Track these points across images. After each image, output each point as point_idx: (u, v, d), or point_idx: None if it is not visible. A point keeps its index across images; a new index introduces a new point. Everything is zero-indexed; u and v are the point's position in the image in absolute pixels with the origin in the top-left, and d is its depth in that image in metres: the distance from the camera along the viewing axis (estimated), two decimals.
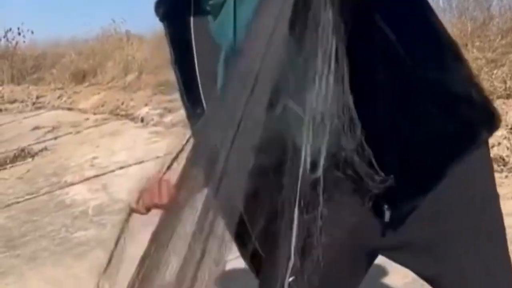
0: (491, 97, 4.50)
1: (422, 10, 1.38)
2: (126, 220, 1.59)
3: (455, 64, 1.42)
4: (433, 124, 1.36)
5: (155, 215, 1.52)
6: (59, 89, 8.55)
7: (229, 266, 1.28)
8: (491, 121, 1.45)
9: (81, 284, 3.72)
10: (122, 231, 1.61)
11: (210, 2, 1.42)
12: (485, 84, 4.64)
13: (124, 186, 4.81)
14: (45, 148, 6.13)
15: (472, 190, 1.45)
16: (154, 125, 5.88)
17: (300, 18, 1.14)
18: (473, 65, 4.90)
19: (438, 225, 1.43)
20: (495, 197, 1.51)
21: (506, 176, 3.88)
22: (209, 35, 1.45)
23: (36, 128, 6.77)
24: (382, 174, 1.25)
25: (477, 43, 5.46)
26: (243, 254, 1.47)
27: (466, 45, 5.44)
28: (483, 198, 1.48)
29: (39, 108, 8.06)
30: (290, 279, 1.19)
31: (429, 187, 1.38)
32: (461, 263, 1.46)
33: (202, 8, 1.45)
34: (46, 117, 7.30)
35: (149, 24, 7.33)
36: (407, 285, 2.99)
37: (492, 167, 1.53)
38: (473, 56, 5.14)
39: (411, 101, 1.34)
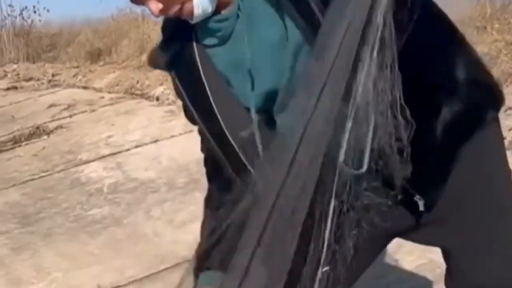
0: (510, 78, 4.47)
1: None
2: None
3: (459, 49, 1.46)
4: (442, 108, 1.40)
5: None
6: (74, 67, 8.55)
7: None
8: (497, 100, 1.51)
9: (96, 261, 3.74)
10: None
11: (219, 34, 1.45)
12: (504, 66, 4.60)
13: (139, 165, 4.82)
14: (61, 126, 6.14)
15: (484, 165, 1.51)
16: (169, 104, 5.86)
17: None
18: (492, 47, 4.85)
19: (454, 200, 1.46)
20: (507, 171, 1.55)
21: None
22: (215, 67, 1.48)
23: (52, 106, 6.78)
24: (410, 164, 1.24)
25: (496, 25, 5.41)
26: None
27: (485, 27, 5.38)
28: (494, 173, 1.53)
29: (55, 86, 8.06)
30: (324, 269, 1.17)
31: (449, 170, 1.41)
32: (473, 234, 1.53)
33: (206, 42, 1.48)
34: (62, 95, 7.30)
35: None
36: (421, 266, 2.99)
37: (503, 143, 1.56)
38: (492, 38, 5.09)
39: (422, 88, 1.35)
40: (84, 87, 7.63)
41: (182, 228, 3.81)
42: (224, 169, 1.53)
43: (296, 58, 1.40)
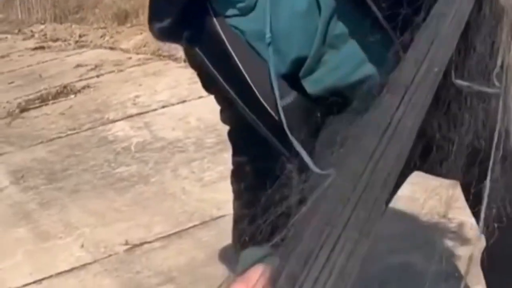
0: None
1: None
2: None
3: None
4: None
5: None
6: (101, 28, 8.53)
7: None
8: None
9: (123, 217, 3.75)
10: None
11: (241, 5, 1.43)
12: None
13: (167, 125, 4.81)
14: (88, 86, 6.13)
15: None
16: None
17: None
18: None
19: None
20: None
21: None
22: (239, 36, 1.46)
23: (79, 66, 6.77)
24: None
25: None
26: None
27: None
28: None
29: (82, 47, 8.05)
30: None
31: None
32: None
33: (228, 13, 1.45)
34: (89, 56, 7.29)
35: None
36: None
37: None
38: None
39: None
40: (111, 48, 7.62)
41: (210, 187, 3.80)
42: (258, 138, 1.51)
43: (328, 24, 1.38)
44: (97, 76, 6.35)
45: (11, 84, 6.72)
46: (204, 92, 1.68)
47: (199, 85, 1.66)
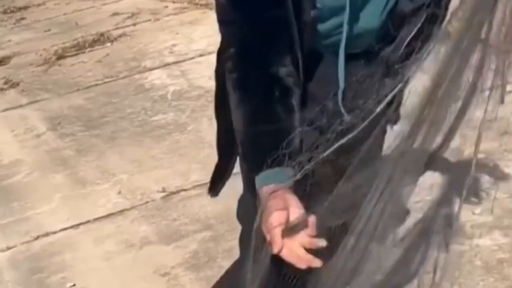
0: None
1: None
2: None
3: None
4: None
5: None
6: None
7: None
8: None
9: (160, 165, 3.73)
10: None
11: None
12: None
13: (204, 73, 4.75)
14: (124, 34, 6.08)
15: None
16: None
17: None
18: None
19: None
20: None
21: None
22: None
23: (115, 14, 6.70)
24: None
25: None
26: None
27: None
28: None
29: None
30: None
31: None
32: None
33: None
34: (125, 4, 7.21)
35: None
36: None
37: None
38: None
39: None
40: None
41: None
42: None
43: None
44: (134, 25, 6.29)
45: (47, 32, 6.69)
46: None
47: None
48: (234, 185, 3.34)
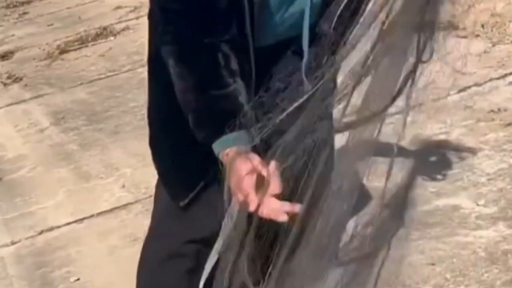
0: None
1: None
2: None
3: None
4: None
5: None
6: None
7: None
8: None
9: None
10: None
11: None
12: None
13: None
14: (127, 27, 6.06)
15: None
16: None
17: None
18: None
19: None
20: None
21: None
22: None
23: (118, 7, 6.69)
24: None
25: None
26: None
27: None
28: None
29: None
30: None
31: None
32: None
33: None
34: None
35: None
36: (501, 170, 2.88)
37: None
38: None
39: None
40: None
41: None
42: None
43: None
44: (137, 18, 6.27)
45: (50, 26, 6.69)
46: None
47: None
48: None
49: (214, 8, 1.51)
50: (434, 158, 2.92)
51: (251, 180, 1.36)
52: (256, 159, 1.38)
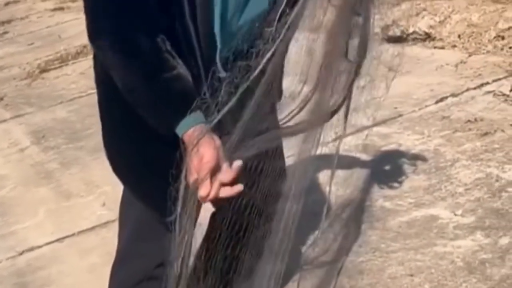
0: None
1: None
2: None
3: None
4: None
5: None
6: None
7: None
8: None
9: None
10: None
11: None
12: None
13: None
14: None
15: None
16: None
17: None
18: None
19: None
20: None
21: None
22: None
23: None
24: None
25: None
26: None
27: None
28: None
29: None
30: None
31: None
32: None
33: None
34: None
35: None
36: (478, 180, 2.90)
37: None
38: None
39: None
40: None
41: None
42: None
43: None
44: None
45: (30, 45, 6.68)
46: None
47: None
48: None
49: (148, 4, 1.47)
50: (389, 167, 2.95)
51: (211, 165, 1.39)
52: (218, 141, 1.42)
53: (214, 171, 1.40)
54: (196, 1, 1.48)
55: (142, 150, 1.65)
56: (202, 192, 1.40)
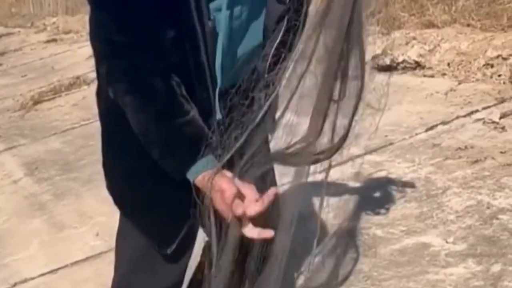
0: None
1: None
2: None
3: None
4: None
5: None
6: None
7: None
8: None
9: None
10: None
11: None
12: None
13: None
14: None
15: None
16: None
17: None
18: None
19: None
20: None
21: None
22: None
23: (91, 57, 6.68)
24: None
25: None
26: None
27: None
28: None
29: None
30: None
31: None
32: None
33: None
34: None
35: None
36: (469, 207, 2.92)
37: None
38: None
39: None
40: None
41: None
42: None
43: None
44: None
45: (24, 77, 6.73)
46: None
47: None
48: None
49: (163, 38, 1.46)
50: (380, 195, 2.97)
51: (233, 192, 1.39)
52: (229, 173, 1.42)
53: (238, 196, 1.41)
54: (207, 34, 1.49)
55: (149, 184, 1.64)
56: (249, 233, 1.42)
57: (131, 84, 1.46)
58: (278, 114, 1.39)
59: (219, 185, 1.41)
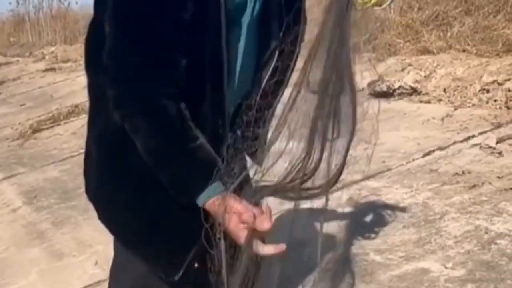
0: None
1: None
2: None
3: None
4: None
5: None
6: None
7: None
8: None
9: None
10: None
11: None
12: None
13: None
14: None
15: None
16: None
17: None
18: None
19: None
20: None
21: None
22: None
23: None
24: None
25: None
26: None
27: None
28: None
29: None
30: None
31: None
32: None
33: None
34: None
35: None
36: (468, 232, 2.92)
37: None
38: None
39: None
40: None
41: None
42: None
43: None
44: None
45: (22, 106, 6.76)
46: None
47: None
48: None
49: (174, 61, 1.46)
50: (378, 221, 2.97)
51: (251, 213, 1.40)
52: (237, 196, 1.43)
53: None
54: (223, 60, 1.51)
55: (151, 210, 1.62)
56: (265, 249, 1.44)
57: (145, 106, 1.46)
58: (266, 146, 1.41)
59: (236, 207, 1.41)
